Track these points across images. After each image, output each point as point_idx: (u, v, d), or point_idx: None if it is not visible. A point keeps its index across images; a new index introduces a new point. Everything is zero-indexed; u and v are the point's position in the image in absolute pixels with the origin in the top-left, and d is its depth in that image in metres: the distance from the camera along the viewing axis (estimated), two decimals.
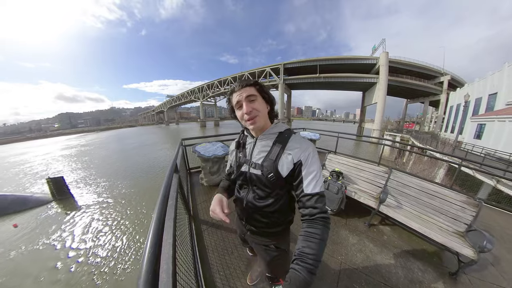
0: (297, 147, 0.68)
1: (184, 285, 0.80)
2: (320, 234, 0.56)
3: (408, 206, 2.07)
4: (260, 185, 0.74)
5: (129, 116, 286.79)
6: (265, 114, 0.71)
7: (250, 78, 0.76)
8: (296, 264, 0.51)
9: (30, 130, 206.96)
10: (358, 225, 2.12)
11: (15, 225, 9.68)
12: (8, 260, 7.00)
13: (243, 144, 0.83)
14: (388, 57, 28.43)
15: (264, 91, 0.70)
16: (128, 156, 24.51)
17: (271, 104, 0.73)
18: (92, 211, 10.57)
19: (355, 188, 2.49)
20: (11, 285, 5.80)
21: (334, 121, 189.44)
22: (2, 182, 17.32)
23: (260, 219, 0.79)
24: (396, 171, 2.35)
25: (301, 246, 0.54)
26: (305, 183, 0.65)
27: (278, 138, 0.72)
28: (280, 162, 0.68)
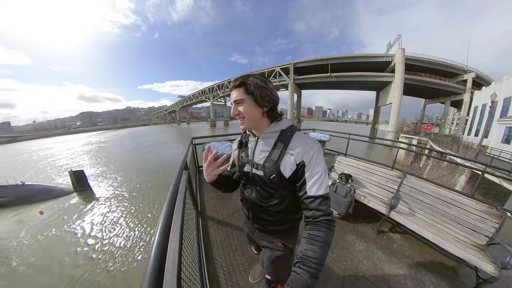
0: (300, 146, 0.65)
1: (188, 276, 0.83)
2: (324, 237, 0.54)
3: (422, 213, 1.96)
4: (263, 185, 0.72)
5: (143, 115, 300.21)
6: (252, 117, 0.67)
7: (238, 78, 0.67)
8: (298, 267, 0.49)
9: (56, 127, 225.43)
10: (367, 231, 2.05)
11: (41, 212, 10.82)
12: (36, 242, 7.95)
13: (245, 143, 0.81)
14: (404, 54, 26.82)
15: (253, 93, 0.63)
16: (142, 153, 25.84)
17: (266, 104, 0.66)
18: (108, 203, 11.38)
19: (364, 192, 2.41)
20: (42, 264, 6.62)
21: (345, 122, 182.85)
22: (33, 173, 19.45)
23: (266, 218, 0.78)
24: (409, 176, 2.24)
25: (304, 249, 0.53)
26: (309, 185, 0.62)
27: (280, 137, 0.69)
28: (283, 162, 0.66)
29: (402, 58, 26.57)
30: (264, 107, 0.67)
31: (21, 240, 8.22)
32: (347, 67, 33.16)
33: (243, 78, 0.66)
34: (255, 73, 0.69)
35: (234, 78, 0.69)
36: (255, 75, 0.68)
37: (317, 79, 36.06)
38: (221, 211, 2.35)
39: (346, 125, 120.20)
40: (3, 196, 12.58)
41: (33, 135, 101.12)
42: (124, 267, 6.19)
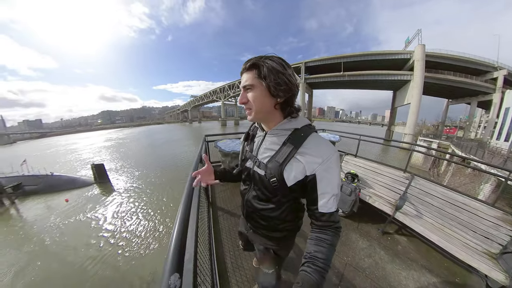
0: (313, 154, 0.55)
1: (201, 255, 0.95)
2: (331, 241, 0.54)
3: (429, 216, 1.92)
4: (262, 187, 0.66)
5: (157, 114, 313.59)
6: (262, 107, 0.57)
7: (251, 59, 0.56)
8: (307, 266, 0.49)
9: (80, 124, 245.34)
10: (371, 231, 2.05)
11: (66, 200, 12.05)
12: (64, 226, 9.07)
13: (252, 137, 0.75)
14: (424, 50, 24.89)
15: (265, 78, 0.53)
16: (157, 150, 27.24)
17: (279, 93, 0.54)
18: (125, 195, 12.22)
19: (370, 192, 2.40)
20: (68, 245, 7.57)
21: (359, 123, 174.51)
22: (61, 165, 21.67)
23: (258, 220, 0.73)
24: (418, 178, 2.20)
25: (313, 250, 0.52)
26: (321, 202, 0.56)
27: (291, 136, 0.59)
28: (288, 167, 0.57)
29: (422, 54, 24.71)
30: (278, 97, 0.56)
31: (51, 223, 9.37)
32: (362, 66, 31.71)
33: (257, 59, 0.55)
34: (273, 54, 0.56)
35: (248, 59, 0.57)
36: (273, 57, 0.55)
37: (329, 79, 35.05)
38: (230, 203, 2.50)
39: (359, 127, 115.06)
40: (36, 184, 14.22)
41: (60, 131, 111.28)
42: (140, 252, 6.83)
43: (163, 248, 7.03)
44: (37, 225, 9.36)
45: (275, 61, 0.54)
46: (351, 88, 41.42)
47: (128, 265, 6.27)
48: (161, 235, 7.77)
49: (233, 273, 1.46)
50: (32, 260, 6.91)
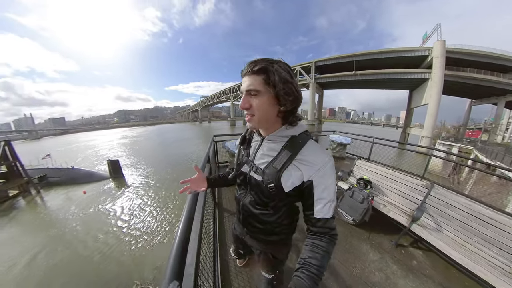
0: (310, 162, 0.56)
1: (204, 258, 0.94)
2: (326, 248, 0.53)
3: (450, 230, 1.77)
4: (258, 192, 0.66)
5: (169, 114, 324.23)
6: (266, 116, 0.56)
7: (259, 61, 0.52)
8: (301, 272, 0.49)
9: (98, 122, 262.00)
10: (383, 242, 1.92)
11: (84, 192, 12.92)
12: (82, 216, 9.82)
13: (249, 141, 0.75)
14: (444, 46, 23.15)
15: (273, 84, 0.51)
16: (168, 148, 28.24)
17: (287, 103, 0.54)
18: (136, 190, 12.83)
19: (384, 201, 2.27)
20: (89, 233, 8.23)
21: (372, 124, 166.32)
22: (81, 159, 23.35)
23: (256, 225, 0.72)
24: (439, 186, 2.04)
25: (307, 256, 0.52)
26: (317, 208, 0.56)
27: (289, 143, 0.59)
28: (285, 174, 0.58)
29: (442, 51, 23.01)
30: (284, 107, 0.55)
31: (72, 213, 10.23)
32: (375, 64, 30.28)
33: (266, 63, 0.51)
34: (279, 59, 0.54)
35: (251, 61, 0.54)
36: (280, 62, 0.53)
37: (340, 78, 34.09)
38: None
39: (371, 128, 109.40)
40: (58, 176, 15.51)
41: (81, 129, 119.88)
42: (148, 245, 7.21)
43: (170, 242, 7.27)
44: (60, 214, 10.29)
45: (284, 69, 0.52)
46: (363, 88, 39.97)
47: (137, 256, 6.63)
48: (168, 230, 8.07)
49: (235, 277, 1.44)
50: (55, 244, 7.67)
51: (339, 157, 5.30)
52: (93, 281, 5.76)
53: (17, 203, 12.36)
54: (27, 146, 48.20)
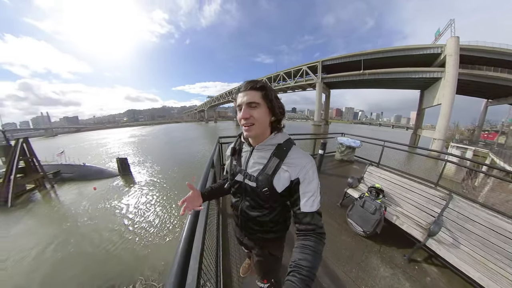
0: (295, 164, 0.66)
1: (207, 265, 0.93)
2: (315, 247, 0.56)
3: (469, 247, 1.66)
4: (254, 196, 0.74)
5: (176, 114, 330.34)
6: (263, 124, 0.67)
7: (257, 81, 0.67)
8: (292, 276, 0.50)
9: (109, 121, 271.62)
10: (395, 257, 1.83)
11: (94, 188, 13.39)
12: (94, 210, 10.27)
13: (239, 151, 0.81)
14: (458, 43, 21.84)
15: (269, 99, 0.64)
16: (175, 148, 28.76)
17: (278, 114, 0.68)
18: (144, 188, 13.14)
19: (397, 212, 2.17)
20: (98, 227, 8.58)
21: (380, 125, 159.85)
22: (92, 157, 24.19)
23: (254, 226, 0.80)
24: (458, 197, 1.91)
25: (297, 258, 0.53)
26: (302, 202, 0.64)
27: (276, 151, 0.69)
28: (276, 177, 0.67)
29: (456, 48, 21.73)
30: (275, 117, 0.68)
31: (83, 207, 10.70)
32: (384, 63, 29.29)
33: (261, 82, 0.65)
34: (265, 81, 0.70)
35: (248, 80, 0.66)
36: (267, 83, 0.68)
37: (347, 78, 33.29)
38: None
39: (379, 130, 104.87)
40: (71, 172, 16.23)
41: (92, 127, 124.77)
42: (155, 241, 7.44)
43: (175, 239, 7.45)
44: (72, 208, 10.81)
45: (273, 90, 0.67)
46: (372, 88, 38.87)
47: (142, 253, 6.81)
48: (172, 229, 8.20)
49: (238, 284, 1.43)
50: (67, 237, 8.12)
51: (348, 160, 5.13)
52: (99, 275, 5.95)
53: (33, 196, 13.12)
54: (43, 143, 50.78)
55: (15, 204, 12.11)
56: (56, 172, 16.28)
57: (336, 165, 4.88)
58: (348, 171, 4.40)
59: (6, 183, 12.57)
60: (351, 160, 5.13)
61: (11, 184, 12.62)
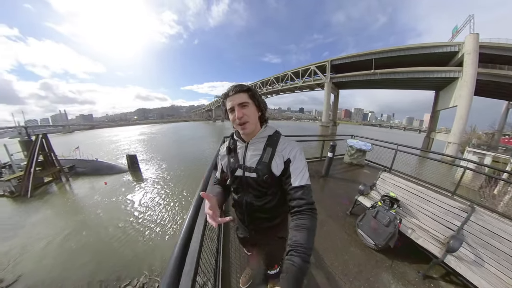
0: (286, 147, 0.76)
1: (204, 269, 0.89)
2: (309, 225, 0.61)
3: (494, 265, 1.50)
4: (257, 186, 0.79)
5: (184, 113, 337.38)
6: (255, 120, 0.76)
7: (242, 84, 0.76)
8: (290, 255, 0.53)
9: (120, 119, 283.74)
10: (408, 273, 1.69)
11: (105, 182, 13.95)
12: (105, 204, 10.75)
13: (234, 149, 0.86)
14: (478, 40, 20.28)
15: (255, 98, 0.75)
16: (183, 146, 29.36)
17: (262, 109, 0.79)
18: (151, 184, 13.51)
19: (413, 224, 2.01)
20: (108, 221, 8.95)
21: (391, 127, 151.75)
22: (104, 153, 25.34)
23: (261, 216, 0.86)
24: (480, 209, 1.75)
25: (293, 237, 0.58)
26: (293, 178, 0.71)
27: (268, 141, 0.78)
28: (273, 163, 0.75)
29: (475, 46, 20.19)
30: (261, 111, 0.78)
31: (95, 201, 11.23)
32: (397, 62, 28.03)
33: (246, 85, 0.75)
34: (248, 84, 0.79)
35: (234, 85, 0.76)
36: (249, 85, 0.78)
37: (358, 77, 32.29)
38: None
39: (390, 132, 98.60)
40: (84, 167, 17.08)
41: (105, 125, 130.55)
42: (159, 237, 7.64)
43: None
44: (86, 201, 11.39)
45: (254, 88, 0.77)
46: (383, 88, 37.55)
47: (148, 247, 7.02)
48: (180, 224, 8.30)
49: None
50: (81, 228, 8.58)
51: (357, 164, 4.88)
52: (107, 265, 6.17)
53: (50, 188, 13.97)
54: (61, 139, 53.80)
55: (34, 195, 12.89)
56: (71, 166, 17.18)
57: (345, 168, 4.64)
58: (358, 176, 4.20)
59: (26, 176, 13.36)
60: (361, 164, 4.87)
61: (31, 177, 13.39)
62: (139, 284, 5.32)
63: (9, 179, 13.45)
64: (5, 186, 13.15)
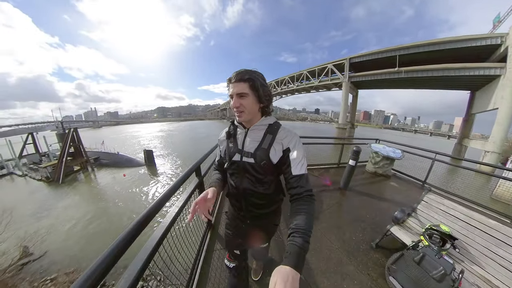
0: (286, 136, 0.77)
1: None
2: (308, 209, 0.64)
3: None
4: (254, 172, 0.79)
5: (200, 111, 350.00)
6: (252, 111, 0.75)
7: (245, 72, 0.71)
8: (293, 237, 0.56)
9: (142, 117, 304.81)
10: None
11: (124, 175, 15.15)
12: (124, 194, 11.67)
13: (234, 135, 0.87)
14: None
15: (256, 89, 0.71)
16: (198, 143, 30.65)
17: (265, 101, 0.76)
18: (166, 179, 14.29)
19: (482, 280, 1.29)
20: (128, 209, 9.78)
21: (415, 132, 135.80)
22: (127, 147, 27.38)
23: (258, 202, 0.86)
24: None
25: (294, 221, 0.60)
26: (293, 167, 0.72)
27: (268, 129, 0.79)
28: (272, 150, 0.76)
29: None
30: (263, 104, 0.76)
31: (116, 190, 12.32)
32: (424, 58, 25.32)
33: (249, 73, 0.71)
34: (256, 70, 0.75)
35: (237, 71, 0.72)
36: (258, 72, 0.74)
37: (379, 76, 30.05)
38: None
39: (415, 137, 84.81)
40: (107, 159, 18.71)
41: (129, 121, 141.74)
42: None
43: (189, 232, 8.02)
44: (107, 190, 12.53)
45: (261, 77, 0.74)
46: (408, 88, 34.71)
47: None
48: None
49: None
50: (101, 214, 9.43)
51: (383, 174, 3.99)
52: None
53: (78, 177, 15.64)
54: (91, 133, 59.61)
55: (65, 181, 14.45)
56: (96, 158, 18.96)
57: (368, 179, 3.86)
58: (384, 190, 3.38)
59: (59, 164, 15.00)
60: (388, 174, 4.04)
61: (63, 165, 15.00)
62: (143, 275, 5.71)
63: (46, 166, 15.25)
64: (43, 172, 14.95)
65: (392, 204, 2.76)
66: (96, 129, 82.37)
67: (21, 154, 19.13)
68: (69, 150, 16.47)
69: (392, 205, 2.71)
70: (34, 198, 11.64)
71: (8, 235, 7.28)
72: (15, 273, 5.61)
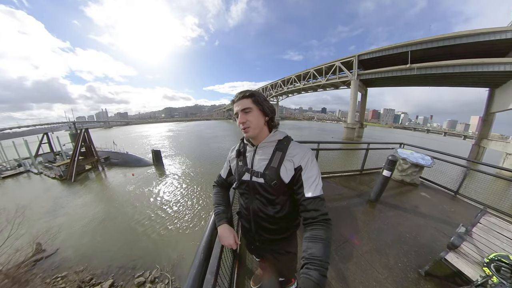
0: (297, 153, 0.72)
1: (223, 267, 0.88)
2: (325, 236, 0.58)
3: None
4: (264, 192, 0.75)
5: (207, 112, 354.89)
6: (259, 125, 0.73)
7: (247, 90, 0.74)
8: (307, 268, 0.51)
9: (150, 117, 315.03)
10: None
11: (133, 174, 15.51)
12: (135, 194, 11.92)
13: (244, 153, 0.84)
14: None
15: (259, 103, 0.72)
16: (206, 143, 30.85)
17: (270, 114, 0.75)
18: (174, 179, 14.37)
19: None
20: (136, 209, 9.96)
21: (428, 131, 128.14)
22: (137, 147, 28.01)
23: (269, 227, 0.80)
24: None
25: (308, 249, 0.55)
26: (306, 187, 0.67)
27: (278, 146, 0.75)
28: (282, 168, 0.71)
29: None
30: (268, 116, 0.75)
31: (127, 190, 12.63)
32: (438, 54, 24.07)
33: (250, 91, 0.74)
34: (255, 90, 0.77)
35: (239, 92, 0.75)
36: (256, 90, 0.76)
37: (389, 73, 28.82)
38: None
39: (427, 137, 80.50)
40: (117, 159, 19.19)
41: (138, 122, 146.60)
42: (180, 229, 8.18)
43: (193, 233, 7.84)
44: (116, 189, 12.91)
45: (261, 94, 0.75)
46: (420, 85, 33.24)
47: (164, 241, 7.40)
48: (197, 221, 8.64)
49: None
50: (110, 214, 9.65)
51: (410, 183, 3.66)
52: (126, 254, 6.72)
53: (89, 175, 16.17)
54: (102, 133, 61.81)
55: (77, 180, 14.99)
56: (106, 157, 19.50)
57: (396, 189, 3.49)
58: (416, 202, 3.04)
59: (72, 163, 15.56)
60: (415, 183, 3.72)
61: (75, 164, 15.55)
62: (151, 278, 5.68)
63: (59, 164, 15.89)
64: (57, 170, 15.58)
65: (431, 220, 2.48)
66: (107, 129, 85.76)
67: (37, 153, 20.17)
68: (81, 149, 17.05)
69: (431, 221, 2.45)
70: (48, 196, 12.15)
71: (23, 232, 7.56)
72: (28, 269, 5.78)
